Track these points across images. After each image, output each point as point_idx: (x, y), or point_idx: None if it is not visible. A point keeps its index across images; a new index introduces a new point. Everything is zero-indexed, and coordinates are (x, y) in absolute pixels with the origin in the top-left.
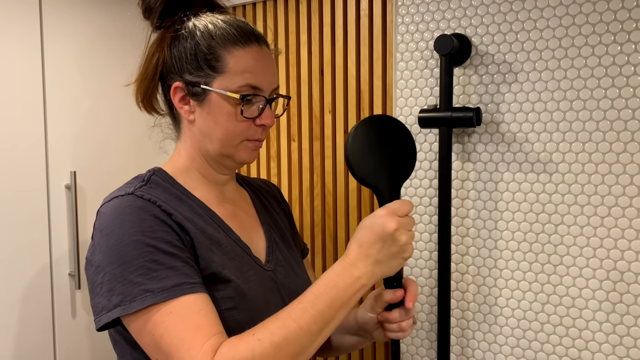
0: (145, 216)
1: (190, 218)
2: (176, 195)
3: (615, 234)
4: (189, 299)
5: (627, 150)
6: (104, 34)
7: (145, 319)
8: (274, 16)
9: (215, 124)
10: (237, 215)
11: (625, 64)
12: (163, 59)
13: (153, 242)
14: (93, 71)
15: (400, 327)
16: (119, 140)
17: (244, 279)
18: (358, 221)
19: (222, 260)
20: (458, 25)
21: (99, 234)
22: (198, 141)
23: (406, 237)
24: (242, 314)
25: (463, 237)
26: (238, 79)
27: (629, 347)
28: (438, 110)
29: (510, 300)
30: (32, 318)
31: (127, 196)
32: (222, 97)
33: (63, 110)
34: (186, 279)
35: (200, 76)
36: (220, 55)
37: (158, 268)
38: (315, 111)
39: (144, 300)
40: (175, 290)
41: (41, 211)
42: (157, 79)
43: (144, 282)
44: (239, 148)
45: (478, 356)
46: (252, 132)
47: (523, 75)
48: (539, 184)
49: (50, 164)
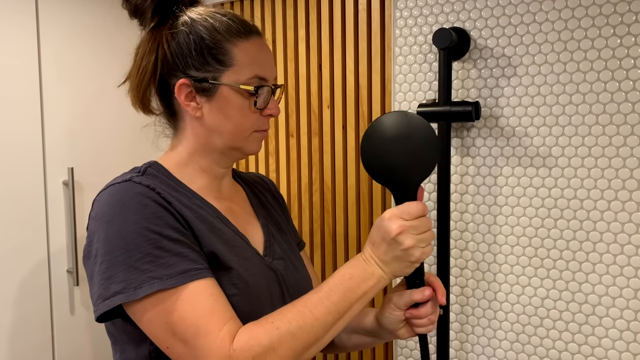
0: (147, 202)
1: (189, 206)
2: (173, 187)
3: (614, 228)
4: (199, 285)
5: (627, 144)
6: (102, 29)
7: (154, 306)
8: (271, 11)
9: (226, 119)
10: (233, 210)
11: (625, 57)
12: (163, 57)
13: (158, 228)
14: (90, 67)
15: (430, 320)
16: (116, 137)
17: (245, 268)
18: (357, 217)
19: (224, 247)
20: (457, 19)
21: (97, 222)
22: (204, 137)
23: (412, 241)
24: (244, 302)
25: (462, 231)
26: (246, 70)
27: (629, 341)
28: (437, 105)
29: (510, 295)
30: (30, 315)
31: (125, 183)
32: (233, 90)
33: (60, 106)
34: (193, 265)
35: (209, 71)
36: (227, 48)
37: (164, 255)
38: (314, 106)
39: (152, 286)
40: (184, 276)
41: (39, 207)
42: (157, 78)
43: (151, 269)
44: (249, 140)
45: (477, 351)
46: (260, 123)
47: (522, 69)
48: (538, 178)
49: (48, 160)
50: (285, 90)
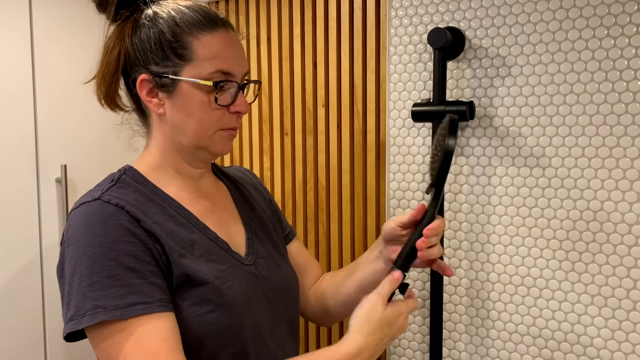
0: (111, 225)
1: (160, 222)
2: (147, 195)
3: (607, 228)
4: (147, 320)
5: (620, 144)
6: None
7: (100, 335)
8: (267, 9)
9: (187, 116)
10: (214, 211)
11: (618, 58)
12: (125, 51)
13: (115, 255)
14: (83, 64)
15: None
16: (109, 134)
17: (223, 279)
18: (351, 216)
19: (196, 262)
20: (452, 18)
21: (65, 243)
22: (170, 135)
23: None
24: (223, 315)
25: (455, 231)
26: (208, 65)
27: (621, 341)
28: (431, 104)
29: (503, 295)
30: (22, 313)
31: (94, 202)
32: (193, 86)
33: (53, 103)
34: (142, 299)
35: (168, 66)
36: (187, 42)
37: (115, 284)
38: (309, 105)
39: (94, 317)
40: (131, 309)
41: (31, 205)
42: (120, 73)
43: (98, 297)
44: (214, 139)
45: (470, 350)
46: (226, 121)
47: (516, 69)
48: (532, 178)
49: (41, 157)
50: (280, 89)
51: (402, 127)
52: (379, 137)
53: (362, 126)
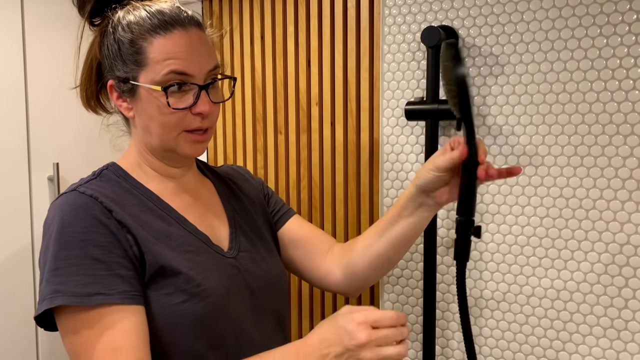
0: (83, 215)
1: (135, 214)
2: (126, 189)
3: (599, 226)
4: (109, 312)
5: (612, 143)
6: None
7: (65, 325)
8: (260, 7)
9: (150, 119)
10: (195, 206)
11: (610, 56)
12: (95, 57)
13: (83, 244)
14: (75, 63)
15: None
16: (101, 133)
17: (199, 270)
18: (344, 214)
19: (171, 253)
20: (445, 17)
21: (43, 232)
22: (142, 137)
23: (371, 355)
24: (198, 305)
25: (449, 229)
26: (161, 67)
27: (613, 338)
28: (425, 103)
29: (496, 293)
30: (14, 312)
31: (70, 193)
32: (149, 90)
33: (45, 101)
34: (103, 290)
35: (127, 72)
36: (141, 47)
37: (79, 272)
38: (302, 103)
39: (53, 300)
40: (89, 299)
41: (23, 203)
42: (94, 79)
43: (59, 282)
44: (178, 141)
45: (463, 348)
46: (188, 122)
47: (509, 68)
48: (525, 176)
49: (33, 155)
50: (274, 87)
51: (396, 125)
52: (372, 135)
53: (355, 125)
